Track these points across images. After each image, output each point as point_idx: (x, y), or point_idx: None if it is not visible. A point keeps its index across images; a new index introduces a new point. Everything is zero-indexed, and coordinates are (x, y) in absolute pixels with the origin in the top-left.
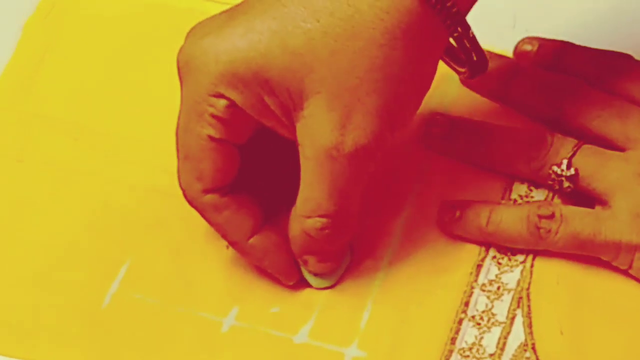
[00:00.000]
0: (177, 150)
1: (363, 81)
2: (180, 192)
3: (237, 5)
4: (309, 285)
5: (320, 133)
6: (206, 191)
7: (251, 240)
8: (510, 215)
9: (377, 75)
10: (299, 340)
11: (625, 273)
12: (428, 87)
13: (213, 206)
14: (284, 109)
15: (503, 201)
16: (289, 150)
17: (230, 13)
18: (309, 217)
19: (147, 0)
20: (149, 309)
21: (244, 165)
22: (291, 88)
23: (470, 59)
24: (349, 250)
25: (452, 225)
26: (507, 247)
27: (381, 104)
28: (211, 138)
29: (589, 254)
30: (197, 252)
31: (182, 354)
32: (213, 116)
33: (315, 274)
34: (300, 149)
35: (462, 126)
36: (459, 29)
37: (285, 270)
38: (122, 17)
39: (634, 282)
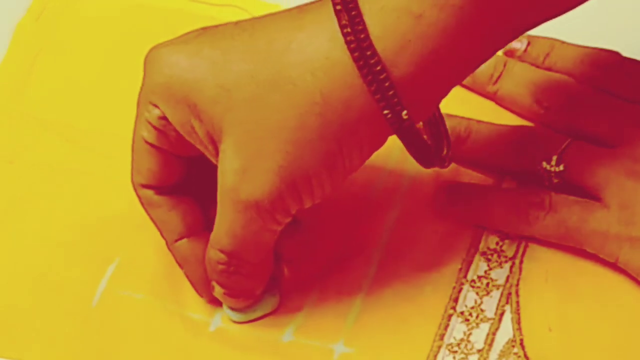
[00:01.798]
0: None
1: (272, 136)
2: None
3: (215, 25)
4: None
5: (225, 172)
6: (142, 186)
7: (176, 244)
8: (501, 199)
9: (287, 136)
10: (287, 338)
11: (614, 269)
12: (349, 171)
13: (147, 201)
14: (209, 137)
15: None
16: None
17: (204, 30)
18: (212, 247)
19: (137, 1)
20: (138, 307)
21: (200, 174)
22: (214, 120)
23: (412, 151)
24: (270, 297)
25: (447, 205)
26: (497, 242)
27: (285, 166)
28: (145, 140)
29: (575, 244)
30: None
31: (171, 352)
32: (148, 121)
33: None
34: None
35: (451, 122)
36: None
37: (198, 283)
38: (114, 19)
39: (622, 279)
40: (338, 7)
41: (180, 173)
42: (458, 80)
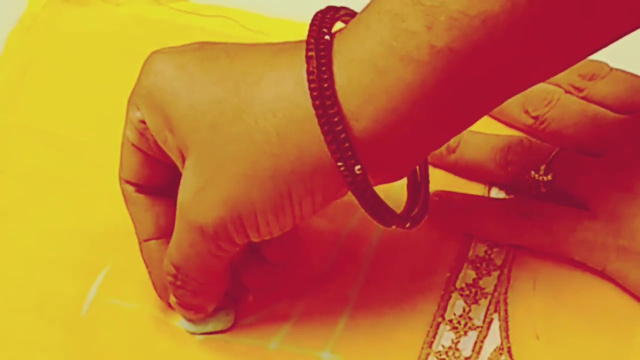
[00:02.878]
0: None
1: (226, 166)
2: None
3: (214, 42)
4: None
5: (182, 189)
6: (125, 181)
7: (145, 243)
8: (490, 208)
9: (240, 169)
10: (274, 346)
11: (602, 277)
12: (299, 215)
13: (127, 196)
14: (179, 151)
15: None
16: None
17: (202, 45)
18: (166, 257)
19: (128, 12)
20: (127, 316)
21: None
22: (183, 136)
23: (365, 208)
24: (224, 315)
25: (435, 214)
26: (485, 251)
27: (232, 198)
28: (129, 141)
29: (563, 253)
30: None
31: None
32: (131, 122)
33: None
34: None
35: None
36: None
37: (158, 286)
38: (104, 30)
39: (610, 287)
40: (310, 54)
41: (161, 177)
42: (430, 145)
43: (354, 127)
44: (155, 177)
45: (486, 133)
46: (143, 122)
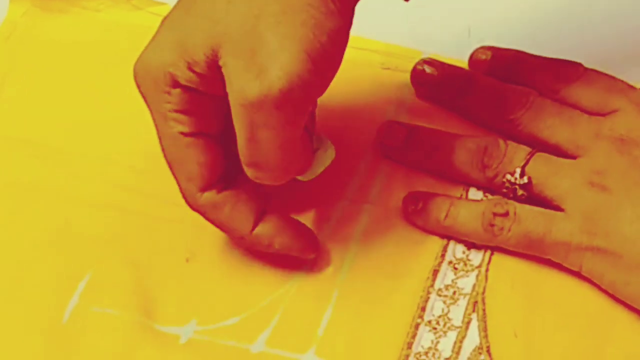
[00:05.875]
0: (165, 159)
1: (260, 18)
2: (138, 209)
3: None
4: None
5: (233, 81)
6: (202, 190)
7: (255, 231)
8: (468, 210)
9: (275, 8)
10: (256, 349)
11: (578, 277)
12: (341, 23)
13: (212, 205)
14: (210, 67)
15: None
16: None
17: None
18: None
19: (106, 19)
20: (109, 323)
21: (234, 159)
22: (203, 44)
23: None
24: (324, 152)
25: (414, 215)
26: (463, 251)
27: (288, 34)
28: (183, 134)
29: (539, 254)
30: (156, 266)
31: None
32: (174, 111)
33: None
34: None
35: (417, 135)
36: None
37: (297, 247)
38: (84, 37)
39: (586, 286)
40: None
41: (223, 159)
42: None
43: None
44: (220, 163)
45: (464, 135)
46: (181, 93)
